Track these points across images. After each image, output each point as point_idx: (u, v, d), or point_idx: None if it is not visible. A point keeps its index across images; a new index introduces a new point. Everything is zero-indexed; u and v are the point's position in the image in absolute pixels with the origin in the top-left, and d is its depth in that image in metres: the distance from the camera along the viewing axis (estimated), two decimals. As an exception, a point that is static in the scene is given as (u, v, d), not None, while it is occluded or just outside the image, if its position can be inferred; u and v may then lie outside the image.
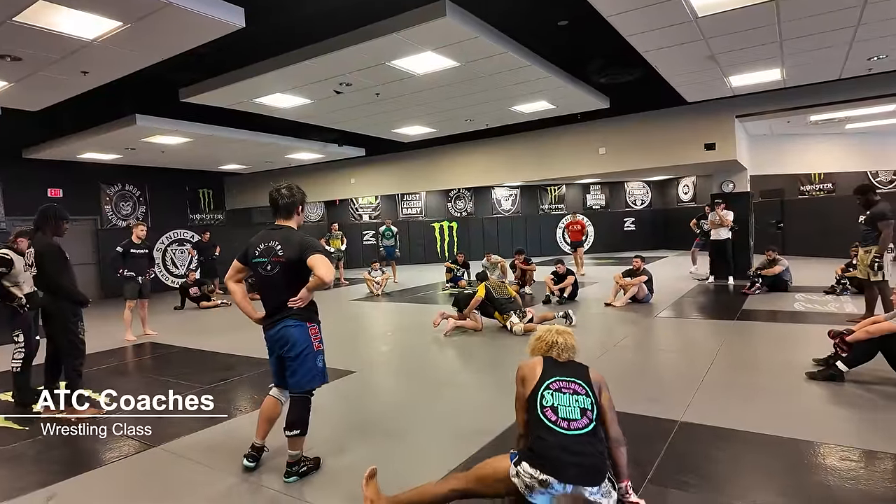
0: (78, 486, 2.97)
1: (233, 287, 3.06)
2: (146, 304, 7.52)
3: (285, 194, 2.97)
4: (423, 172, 13.19)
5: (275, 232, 2.94)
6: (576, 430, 2.21)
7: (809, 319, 6.46)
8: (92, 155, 11.00)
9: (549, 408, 2.26)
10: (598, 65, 7.21)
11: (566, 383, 2.34)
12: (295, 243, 2.86)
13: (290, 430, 2.87)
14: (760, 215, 14.15)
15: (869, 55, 6.56)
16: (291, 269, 2.85)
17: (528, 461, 2.18)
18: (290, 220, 3.00)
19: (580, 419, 2.24)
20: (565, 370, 2.42)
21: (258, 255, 2.91)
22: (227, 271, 3.11)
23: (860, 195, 5.99)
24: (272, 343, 2.95)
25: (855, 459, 2.83)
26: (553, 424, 2.21)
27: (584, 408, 2.27)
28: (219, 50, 5.57)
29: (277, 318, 2.89)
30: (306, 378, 2.90)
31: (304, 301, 2.86)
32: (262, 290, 2.98)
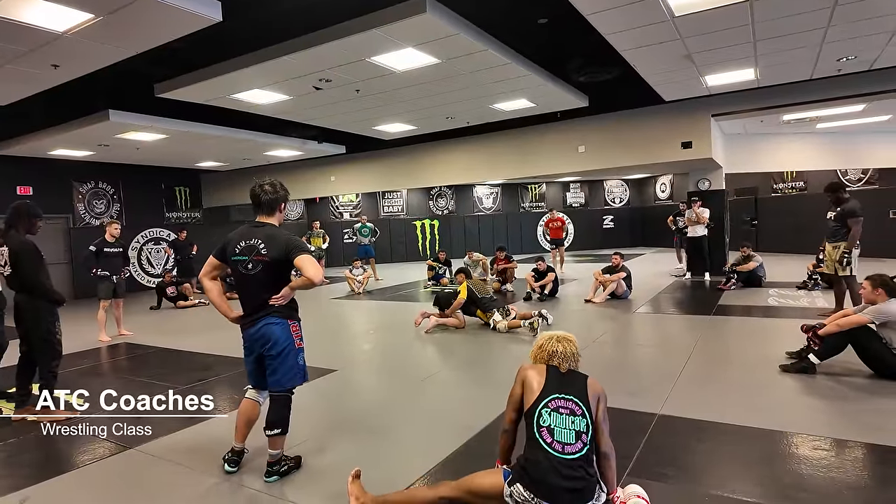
0: (51, 490, 2.89)
1: (208, 284, 2.97)
2: (121, 303, 7.36)
3: (268, 190, 2.90)
4: (404, 170, 13.15)
5: (257, 229, 2.86)
6: (569, 455, 2.21)
7: (782, 314, 6.62)
8: (63, 151, 10.72)
9: (545, 428, 2.26)
10: (578, 63, 7.27)
11: (565, 402, 2.32)
12: (281, 242, 2.80)
13: (271, 430, 2.82)
14: (735, 213, 14.46)
15: (838, 56, 6.74)
16: (275, 269, 2.80)
17: (521, 483, 2.21)
18: (273, 217, 2.93)
19: (574, 443, 2.24)
20: (566, 385, 2.38)
21: (238, 253, 2.83)
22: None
23: (831, 193, 6.15)
24: (252, 342, 2.88)
25: (826, 448, 2.91)
26: (548, 447, 2.22)
27: (580, 430, 2.27)
28: (195, 44, 5.47)
29: (258, 317, 2.83)
30: (287, 376, 2.86)
31: (286, 299, 2.83)
32: (241, 289, 2.90)
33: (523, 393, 2.40)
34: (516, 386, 2.44)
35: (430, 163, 12.73)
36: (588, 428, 2.28)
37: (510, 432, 2.44)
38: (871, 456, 2.83)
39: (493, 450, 3.07)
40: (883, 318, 3.97)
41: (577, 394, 2.34)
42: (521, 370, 2.47)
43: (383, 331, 7.18)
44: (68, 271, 12.20)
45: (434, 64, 6.28)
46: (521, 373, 2.46)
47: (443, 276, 11.32)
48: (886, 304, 4.02)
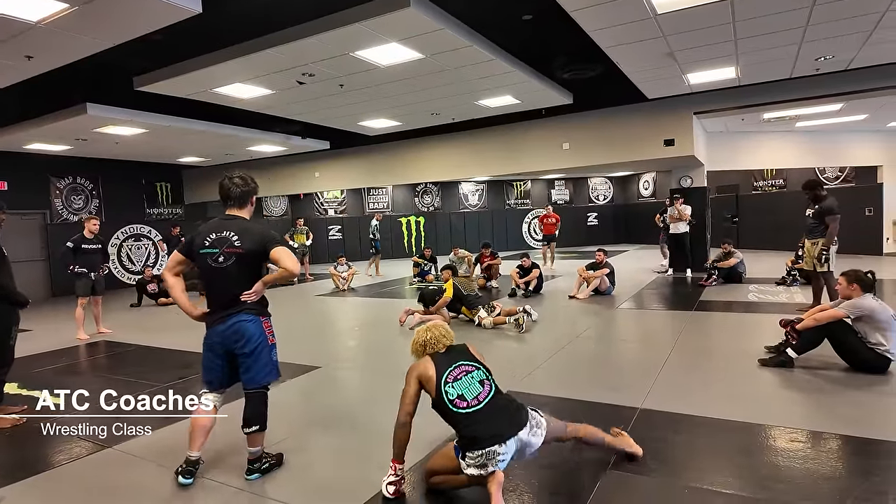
0: (24, 490, 2.83)
1: (171, 280, 2.87)
2: (100, 301, 7.22)
3: (239, 183, 2.86)
4: (389, 166, 13.09)
5: (229, 222, 2.81)
6: (484, 401, 2.48)
7: (762, 309, 6.73)
8: (40, 146, 10.48)
9: (456, 398, 2.47)
10: (562, 60, 7.30)
11: (458, 369, 2.57)
12: (256, 235, 2.76)
13: (249, 427, 2.78)
14: (717, 210, 14.65)
15: (817, 56, 6.85)
16: (249, 262, 2.75)
17: (468, 448, 2.38)
18: (244, 210, 2.89)
19: (482, 389, 2.52)
20: (451, 359, 2.63)
21: (208, 246, 2.75)
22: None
23: (809, 190, 6.25)
24: (223, 338, 2.77)
25: (803, 440, 2.96)
26: (468, 409, 2.45)
27: (482, 378, 2.57)
28: (175, 37, 5.38)
29: (229, 313, 2.75)
30: (262, 373, 2.81)
31: (259, 294, 2.78)
32: (209, 283, 2.81)
33: (422, 388, 2.58)
34: (411, 385, 2.60)
35: (415, 159, 12.69)
36: (487, 374, 2.61)
37: (407, 425, 2.55)
38: (846, 447, 2.88)
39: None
40: (858, 312, 4.05)
41: (464, 358, 2.65)
42: (411, 370, 2.65)
43: (368, 327, 7.15)
44: (45, 268, 11.95)
45: (418, 59, 6.26)
46: (412, 373, 2.63)
47: (428, 273, 11.32)
48: (861, 300, 4.10)
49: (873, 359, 4.00)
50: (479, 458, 2.34)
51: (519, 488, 2.57)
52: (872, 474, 2.54)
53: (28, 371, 5.39)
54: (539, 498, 2.50)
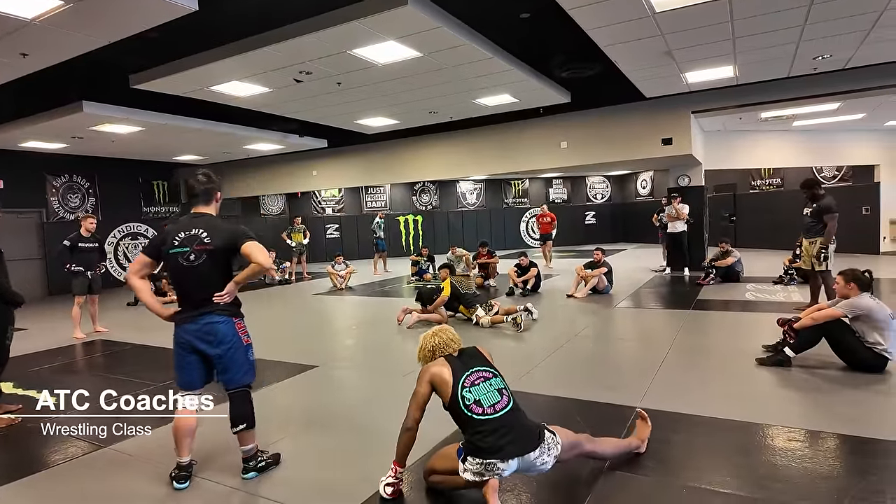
0: (18, 490, 2.81)
1: (138, 283, 2.82)
2: (96, 299, 7.19)
3: (202, 180, 2.84)
4: (387, 165, 13.07)
5: (197, 220, 2.78)
6: (501, 411, 2.41)
7: (759, 308, 6.74)
8: (35, 143, 10.42)
9: (473, 404, 2.42)
10: (560, 59, 7.29)
11: (476, 374, 2.51)
12: (225, 230, 2.74)
13: (237, 426, 2.77)
14: (714, 209, 14.66)
15: (814, 55, 6.85)
16: (219, 259, 2.72)
17: (471, 455, 2.35)
18: (210, 206, 2.86)
19: (501, 399, 2.45)
20: (467, 362, 2.57)
21: (178, 245, 2.71)
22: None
23: (806, 189, 6.25)
24: (195, 338, 2.72)
25: (801, 439, 2.96)
26: (482, 416, 2.38)
27: (500, 387, 2.50)
28: (171, 34, 5.35)
29: (201, 312, 2.71)
30: (240, 374, 2.80)
31: (232, 295, 2.75)
32: (180, 283, 2.78)
33: (434, 391, 2.51)
34: (423, 387, 2.52)
35: (413, 158, 12.67)
36: (504, 384, 2.53)
37: (413, 430, 2.51)
38: (844, 446, 2.88)
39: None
40: (856, 311, 4.05)
41: (479, 363, 2.58)
42: (424, 373, 2.56)
43: (366, 326, 7.13)
44: (42, 267, 11.90)
45: (416, 57, 6.24)
46: (425, 375, 2.55)
47: (426, 272, 11.31)
48: (859, 299, 4.10)
49: (871, 358, 4.00)
50: (479, 466, 2.32)
51: (517, 488, 2.56)
52: (870, 473, 2.54)
53: (24, 370, 5.36)
54: (537, 497, 2.50)
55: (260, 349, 5.70)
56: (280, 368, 4.98)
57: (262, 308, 9.08)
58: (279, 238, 13.11)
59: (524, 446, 2.35)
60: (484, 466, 2.31)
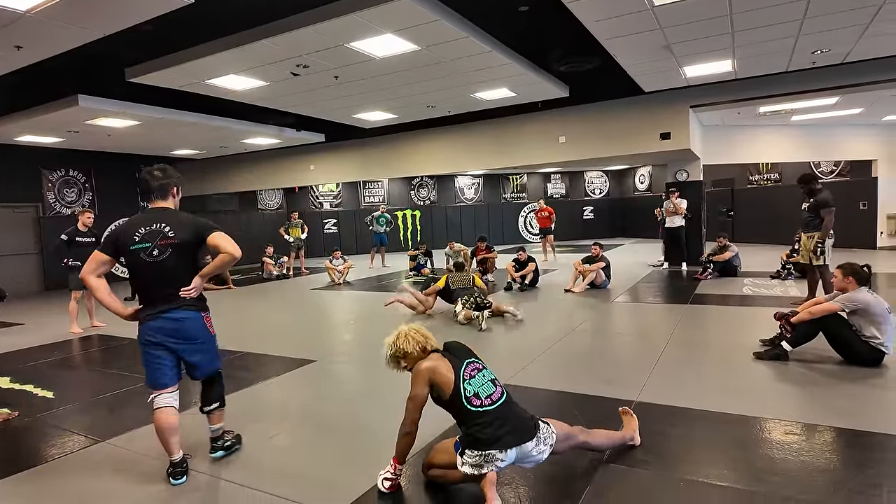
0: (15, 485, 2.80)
1: (95, 283, 2.72)
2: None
3: (157, 175, 2.80)
4: (385, 160, 13.03)
5: (158, 214, 2.75)
6: (497, 402, 2.43)
7: (757, 303, 6.75)
8: (31, 137, 10.36)
9: (472, 396, 2.42)
10: (559, 53, 7.26)
11: (471, 366, 2.52)
12: (188, 224, 2.72)
13: (210, 405, 2.87)
14: (712, 204, 14.68)
15: (813, 48, 6.84)
16: (185, 252, 2.70)
17: (469, 447, 2.36)
18: (167, 201, 2.82)
19: (495, 389, 2.48)
20: (458, 355, 2.57)
21: (139, 241, 2.66)
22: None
23: (804, 184, 6.25)
24: (163, 335, 2.68)
25: (797, 433, 2.97)
26: (481, 408, 2.39)
27: (492, 378, 2.53)
28: (167, 27, 5.31)
29: (167, 308, 2.68)
30: (212, 363, 2.88)
31: (199, 290, 2.75)
32: (144, 279, 2.72)
33: (432, 390, 2.47)
34: (421, 388, 2.45)
35: (411, 152, 12.64)
36: (493, 374, 2.56)
37: (412, 434, 2.47)
38: (840, 440, 2.89)
39: (472, 438, 3.08)
40: (853, 305, 4.06)
41: (470, 356, 2.60)
42: (421, 373, 2.47)
43: (363, 321, 7.13)
44: (38, 262, 11.86)
45: (414, 51, 6.20)
46: (422, 376, 2.46)
47: (424, 267, 11.29)
48: (856, 293, 4.11)
49: (867, 352, 4.01)
50: (478, 458, 2.32)
51: (515, 481, 2.56)
52: (867, 466, 2.54)
53: (21, 365, 5.35)
54: (535, 490, 2.50)
55: (257, 344, 5.75)
56: (278, 363, 4.98)
57: (260, 303, 9.07)
58: (277, 233, 13.09)
59: (521, 436, 2.37)
60: (483, 458, 2.31)
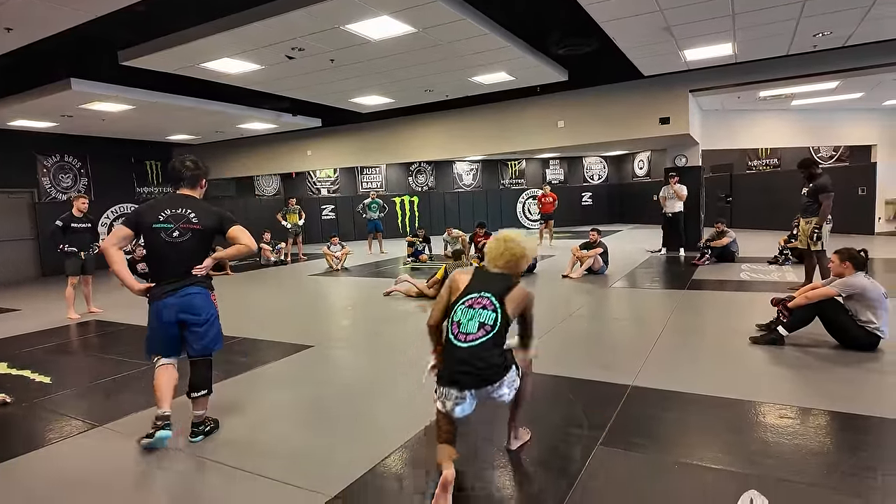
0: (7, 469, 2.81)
1: (114, 255, 2.94)
2: (90, 280, 7.17)
3: (190, 166, 3.06)
4: (382, 145, 12.94)
5: (184, 200, 2.99)
6: (470, 343, 2.35)
7: (754, 288, 6.76)
8: (24, 122, 10.26)
9: (455, 322, 2.43)
10: (557, 36, 7.17)
11: (479, 299, 2.44)
12: (213, 213, 3.00)
13: (198, 391, 2.94)
14: (711, 189, 14.64)
15: (815, 31, 6.76)
16: (205, 238, 2.97)
17: (437, 381, 2.41)
18: (195, 191, 3.08)
19: (476, 332, 2.37)
20: (486, 284, 2.50)
21: (163, 221, 2.90)
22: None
23: (803, 169, 6.23)
24: (175, 310, 2.89)
25: (792, 416, 2.98)
26: (454, 337, 2.40)
27: (484, 322, 2.39)
28: (160, 8, 5.22)
29: (181, 285, 2.91)
30: (214, 341, 3.02)
31: (208, 269, 3.00)
32: (161, 257, 2.94)
33: (451, 296, 2.54)
34: (444, 291, 2.59)
35: (408, 138, 12.54)
36: (495, 321, 2.38)
37: (434, 328, 2.59)
38: (834, 423, 2.91)
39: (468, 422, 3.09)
40: (850, 290, 4.06)
41: (493, 291, 2.45)
42: (451, 278, 2.61)
43: (361, 307, 7.13)
44: (34, 247, 11.82)
45: (411, 33, 6.12)
46: (450, 280, 2.60)
47: (422, 253, 11.28)
48: (853, 278, 4.11)
49: (863, 336, 4.02)
50: (440, 393, 2.37)
51: (510, 465, 2.58)
52: (860, 449, 2.56)
53: (18, 350, 5.35)
54: (529, 474, 2.51)
55: (256, 329, 5.75)
56: (276, 348, 4.98)
57: (258, 289, 9.07)
58: (274, 219, 13.04)
59: (484, 381, 2.34)
60: (443, 394, 2.35)
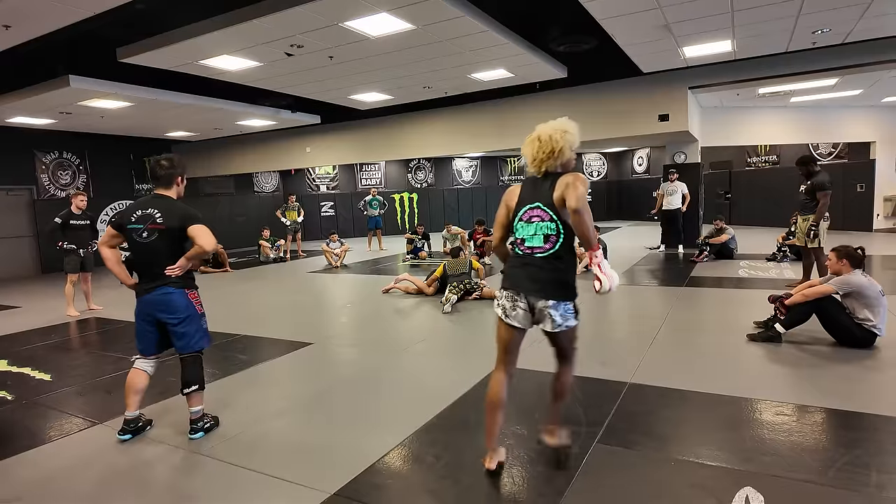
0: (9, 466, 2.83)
1: (106, 252, 3.11)
2: (89, 277, 7.17)
3: (165, 165, 3.06)
4: (382, 141, 12.93)
5: (154, 200, 3.02)
6: (539, 254, 2.36)
7: (752, 285, 6.78)
8: (22, 119, 10.23)
9: (519, 240, 2.44)
10: (557, 33, 7.16)
11: (533, 211, 2.39)
12: (177, 212, 2.98)
13: (188, 388, 2.99)
14: (710, 186, 14.65)
15: (813, 28, 6.75)
16: (170, 238, 2.96)
17: (502, 286, 2.46)
18: (170, 190, 3.09)
19: (543, 245, 2.36)
20: (535, 193, 2.41)
21: (134, 222, 2.97)
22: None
23: (802, 166, 6.23)
24: (149, 308, 2.99)
25: (788, 414, 3.00)
26: (520, 251, 2.42)
27: (548, 234, 2.35)
28: (159, 3, 5.20)
29: (155, 285, 2.97)
30: (194, 340, 3.04)
31: (182, 269, 2.98)
32: (136, 257, 3.03)
33: (508, 213, 2.52)
34: (501, 209, 2.54)
35: (408, 134, 12.53)
36: (558, 230, 2.34)
37: (499, 246, 2.62)
38: (830, 420, 2.93)
39: (468, 418, 3.12)
40: (847, 288, 4.08)
41: (543, 199, 2.37)
42: (505, 194, 2.56)
43: (360, 304, 7.14)
44: (33, 244, 11.82)
45: (409, 30, 6.11)
46: (504, 198, 2.55)
47: (421, 249, 11.29)
48: (850, 275, 4.12)
49: (860, 334, 4.04)
50: (499, 298, 2.43)
51: (508, 461, 2.59)
52: (856, 447, 2.58)
53: (18, 347, 5.37)
54: (528, 471, 2.53)
55: (255, 327, 5.76)
56: (275, 346, 5.00)
57: (257, 286, 9.08)
58: (273, 216, 13.04)
59: (542, 293, 2.32)
60: (503, 297, 2.41)
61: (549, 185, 2.36)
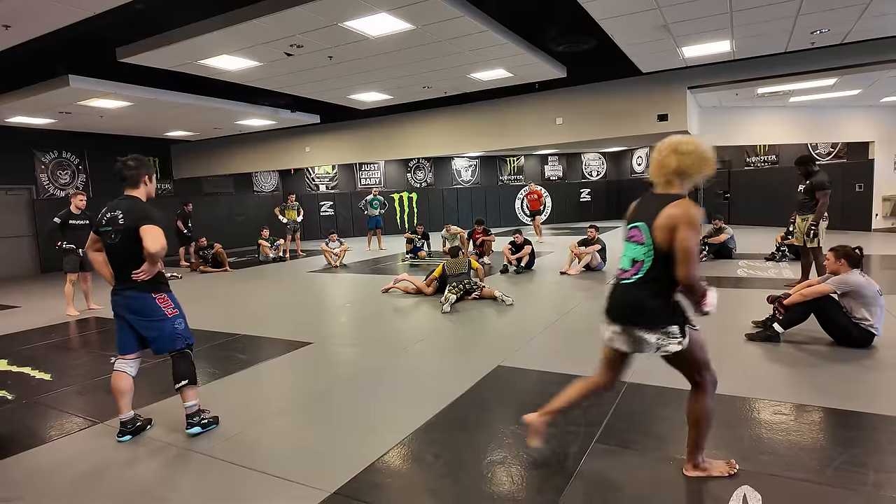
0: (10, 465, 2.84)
1: (93, 256, 3.13)
2: (88, 277, 7.18)
3: (131, 165, 3.06)
4: (381, 141, 12.92)
5: (121, 201, 3.02)
6: (624, 280, 2.28)
7: (751, 284, 6.80)
8: (22, 119, 10.22)
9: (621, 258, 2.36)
10: (556, 33, 7.17)
11: (633, 231, 2.27)
12: (135, 212, 2.94)
13: (178, 382, 3.01)
14: (709, 186, 14.65)
15: (812, 28, 6.76)
16: (131, 238, 2.90)
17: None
18: (137, 189, 3.07)
19: (629, 269, 2.26)
20: (642, 212, 2.25)
21: (105, 224, 2.99)
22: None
23: (801, 166, 6.24)
24: (118, 308, 3.02)
25: (786, 413, 3.01)
26: (616, 277, 2.36)
27: (635, 258, 2.23)
28: (159, 3, 5.21)
29: (122, 287, 3.00)
30: (166, 342, 3.02)
31: (149, 274, 2.94)
32: (109, 258, 3.05)
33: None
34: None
35: (407, 134, 12.53)
36: (646, 256, 2.17)
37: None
38: (828, 419, 2.94)
39: (467, 418, 3.13)
40: (845, 287, 4.09)
41: (644, 220, 2.20)
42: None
43: (360, 304, 7.15)
44: (33, 244, 11.82)
45: (409, 30, 6.12)
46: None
47: (420, 249, 11.30)
48: (848, 275, 4.14)
49: (858, 333, 4.05)
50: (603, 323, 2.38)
51: (507, 461, 2.61)
52: (853, 446, 2.59)
53: (18, 347, 5.37)
54: (527, 470, 2.54)
55: (254, 326, 5.77)
56: (274, 345, 5.01)
57: (256, 285, 9.08)
58: (273, 215, 13.06)
59: (625, 318, 2.23)
60: (604, 322, 2.37)
61: (655, 207, 2.16)
